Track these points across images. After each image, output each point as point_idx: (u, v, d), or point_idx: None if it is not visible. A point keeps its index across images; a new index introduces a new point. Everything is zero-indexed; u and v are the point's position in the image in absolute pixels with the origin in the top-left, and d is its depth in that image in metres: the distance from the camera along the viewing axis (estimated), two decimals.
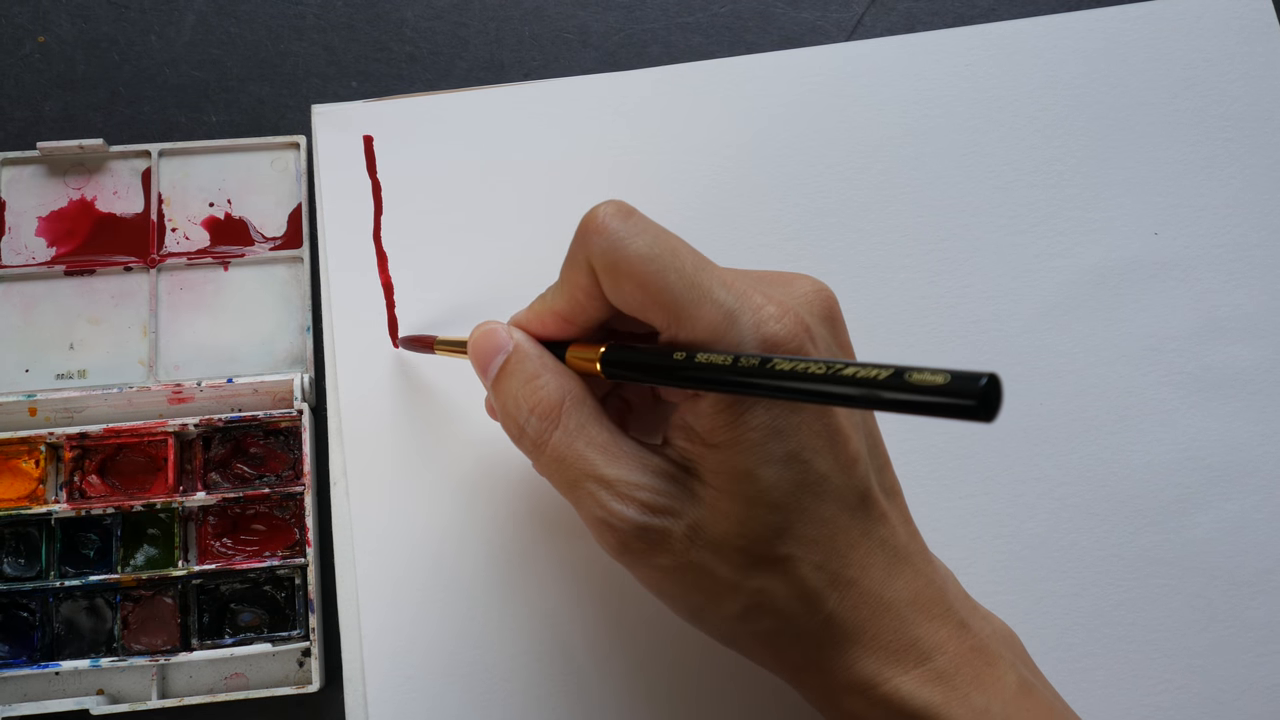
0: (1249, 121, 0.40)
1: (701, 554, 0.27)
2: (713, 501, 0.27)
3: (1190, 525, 0.36)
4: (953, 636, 0.28)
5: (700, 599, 0.28)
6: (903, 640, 0.27)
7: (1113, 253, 0.39)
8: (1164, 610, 0.29)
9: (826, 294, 0.29)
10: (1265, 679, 0.35)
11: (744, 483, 0.26)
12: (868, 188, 0.39)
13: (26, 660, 0.35)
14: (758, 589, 0.27)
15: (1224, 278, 0.39)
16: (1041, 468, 0.37)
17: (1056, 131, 0.40)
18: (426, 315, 0.37)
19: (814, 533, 0.27)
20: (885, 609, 0.27)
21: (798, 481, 0.26)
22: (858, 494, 0.27)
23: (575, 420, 0.28)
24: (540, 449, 0.29)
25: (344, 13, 0.42)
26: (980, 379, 0.19)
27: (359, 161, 0.39)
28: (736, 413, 0.26)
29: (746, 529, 0.26)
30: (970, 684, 0.27)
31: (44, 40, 0.41)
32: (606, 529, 0.27)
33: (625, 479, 0.27)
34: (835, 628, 0.27)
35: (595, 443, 0.28)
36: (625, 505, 0.27)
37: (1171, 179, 0.40)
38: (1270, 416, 0.37)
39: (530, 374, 0.29)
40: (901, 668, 0.27)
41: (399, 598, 0.35)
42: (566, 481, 0.28)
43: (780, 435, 0.26)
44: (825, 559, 0.27)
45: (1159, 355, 0.38)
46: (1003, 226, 0.39)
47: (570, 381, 0.29)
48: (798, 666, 0.28)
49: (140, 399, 0.37)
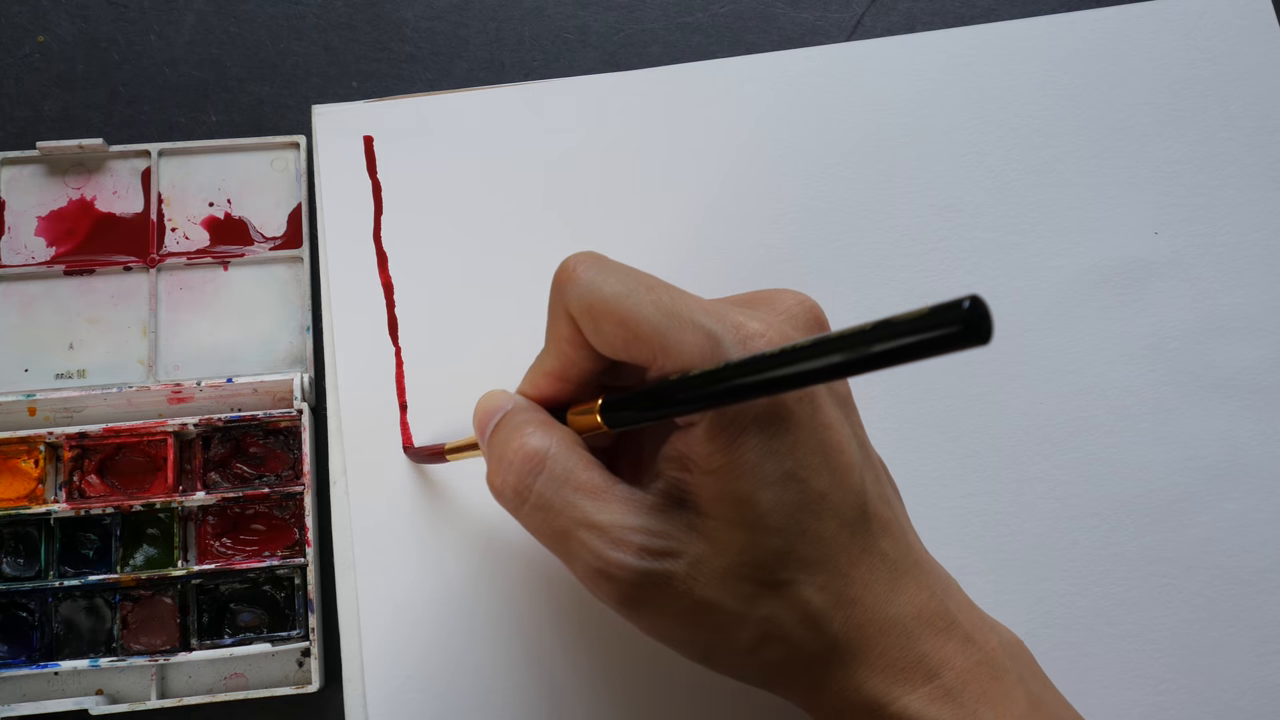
0: (1249, 121, 0.40)
1: (706, 590, 0.26)
2: (712, 532, 0.26)
3: (1190, 524, 0.36)
4: (959, 651, 0.27)
5: (710, 637, 0.27)
6: (909, 658, 0.26)
7: (1113, 252, 0.39)
8: (1164, 609, 0.29)
9: (810, 305, 0.28)
10: (1266, 678, 0.35)
11: (743, 508, 0.25)
12: (868, 187, 0.39)
13: (25, 660, 0.35)
14: (765, 618, 0.26)
15: (1224, 277, 0.39)
16: (1041, 467, 0.37)
17: (1056, 131, 0.40)
18: (426, 315, 0.37)
19: (816, 554, 0.26)
20: (890, 626, 0.27)
21: (796, 502, 0.26)
22: (856, 508, 0.27)
23: (561, 466, 0.27)
24: (522, 498, 0.27)
25: (344, 13, 0.42)
26: (962, 302, 0.19)
27: (359, 162, 0.39)
28: (731, 435, 0.25)
29: (749, 556, 0.26)
30: (978, 700, 0.27)
31: (44, 40, 0.41)
32: (604, 580, 0.26)
33: (619, 522, 0.26)
34: (842, 649, 0.26)
35: (583, 488, 0.27)
36: (622, 552, 0.26)
37: (1171, 179, 0.40)
38: (1270, 416, 0.37)
39: (518, 425, 0.28)
40: (909, 686, 0.26)
41: (398, 598, 0.35)
42: (555, 533, 0.27)
43: (776, 455, 0.25)
44: (828, 580, 0.26)
45: (1159, 355, 0.38)
46: (1003, 226, 0.39)
47: (560, 432, 0.28)
48: (807, 690, 0.27)
49: (140, 399, 0.37)
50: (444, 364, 0.37)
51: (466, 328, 0.37)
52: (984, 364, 0.38)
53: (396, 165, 0.39)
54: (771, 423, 0.25)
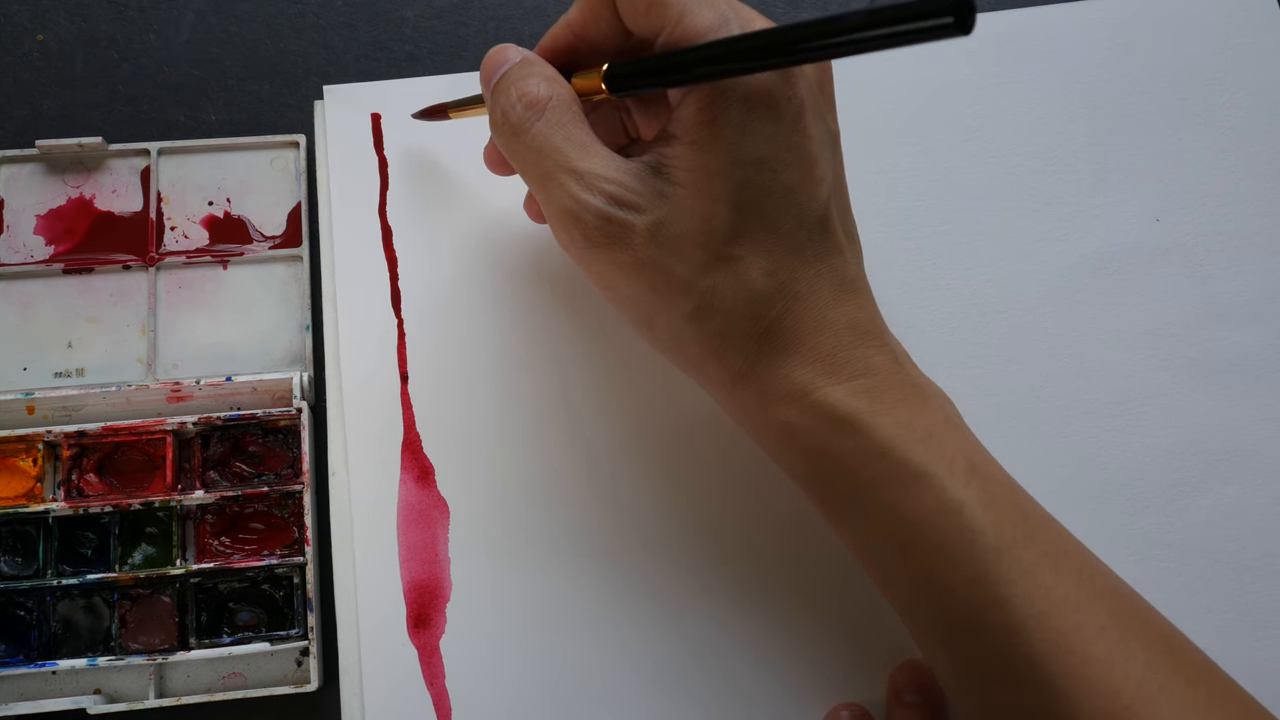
0: (1251, 111, 0.41)
1: (660, 251, 0.28)
2: (680, 200, 0.28)
3: (1190, 509, 0.37)
4: (887, 365, 0.29)
5: (654, 299, 0.29)
6: (839, 357, 0.29)
7: (1114, 238, 0.39)
8: (1164, 594, 0.29)
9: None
10: (1266, 662, 0.35)
11: (713, 180, 0.28)
12: (871, 172, 0.40)
13: (23, 659, 0.35)
14: (709, 288, 0.28)
15: (1225, 264, 0.39)
16: (1040, 450, 0.37)
17: (1059, 118, 0.40)
18: (430, 288, 0.38)
19: (769, 241, 0.28)
20: (826, 326, 0.29)
21: (763, 188, 0.28)
22: (817, 217, 0.29)
23: (557, 116, 0.29)
24: (520, 135, 0.30)
25: (344, 12, 0.42)
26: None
27: (367, 138, 0.39)
28: (716, 110, 0.27)
29: (707, 226, 0.28)
30: (898, 402, 0.28)
31: (43, 39, 0.41)
32: (571, 219, 0.29)
33: (597, 171, 0.29)
34: (776, 336, 0.29)
35: (573, 139, 0.29)
36: (592, 195, 0.28)
37: (1173, 166, 0.40)
38: (1270, 402, 0.38)
39: (526, 74, 0.30)
40: (834, 380, 0.28)
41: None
42: (540, 173, 0.29)
43: (752, 137, 0.27)
44: (776, 268, 0.28)
45: (1159, 340, 0.38)
46: (1005, 211, 0.39)
47: (562, 87, 0.30)
48: (737, 375, 0.29)
49: (138, 397, 0.37)
50: (445, 337, 0.37)
51: (468, 302, 0.38)
52: (983, 347, 0.38)
53: (403, 143, 0.39)
54: (755, 107, 0.27)
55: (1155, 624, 0.28)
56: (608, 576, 0.35)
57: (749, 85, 0.27)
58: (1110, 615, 0.26)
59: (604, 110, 0.34)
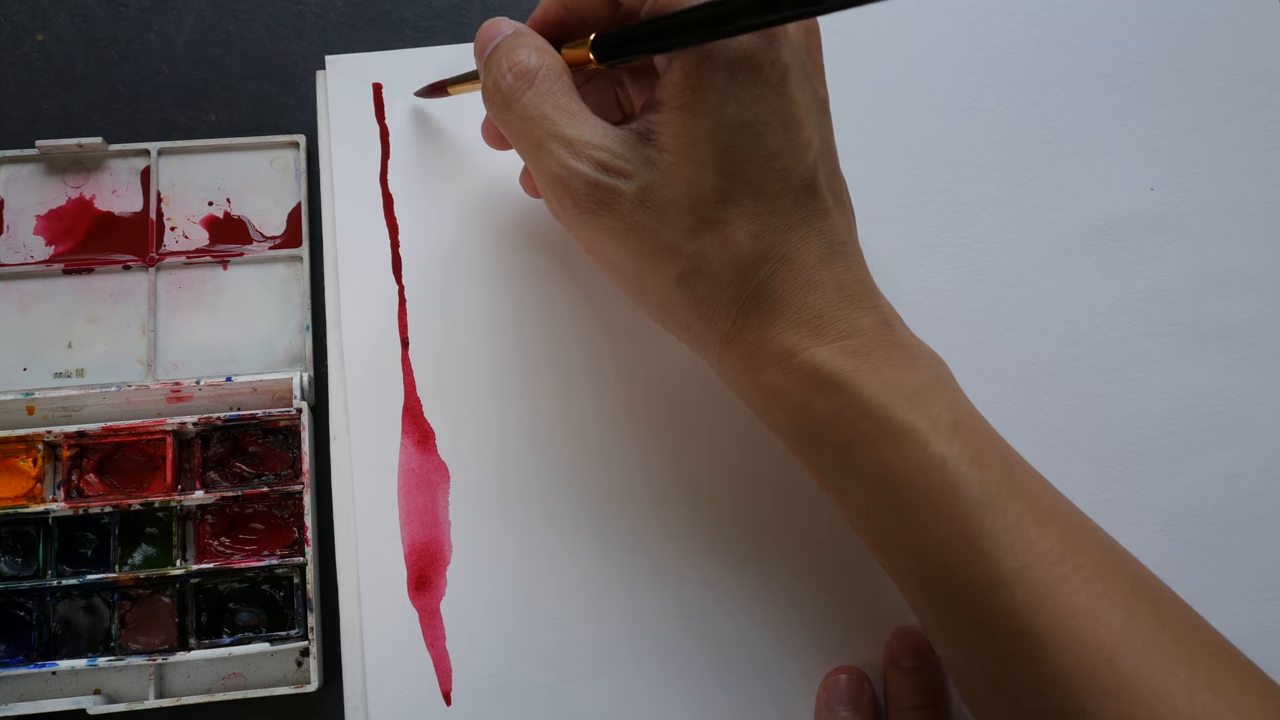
0: (1245, 81, 0.41)
1: (648, 217, 0.29)
2: (667, 166, 0.28)
3: (1183, 473, 0.37)
4: (875, 325, 0.29)
5: (643, 264, 0.30)
6: (825, 319, 0.29)
7: (1109, 206, 0.40)
8: (1157, 557, 0.30)
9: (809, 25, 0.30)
10: (1257, 625, 0.35)
11: (699, 145, 0.28)
12: (867, 140, 0.40)
13: (23, 660, 0.35)
14: (697, 252, 0.29)
15: (1218, 233, 0.39)
16: (1035, 415, 0.37)
17: (1054, 88, 0.41)
18: (431, 255, 0.38)
19: (756, 205, 0.28)
20: (812, 288, 0.29)
21: (748, 152, 0.28)
22: (804, 180, 0.29)
23: (547, 85, 0.30)
24: (510, 104, 0.30)
25: (344, 12, 0.42)
26: None
27: (368, 107, 0.39)
28: (701, 75, 0.28)
29: (694, 191, 0.28)
30: (883, 362, 0.28)
31: (43, 39, 0.41)
32: (561, 186, 0.29)
33: (585, 139, 0.29)
34: (763, 299, 0.29)
35: (562, 107, 0.30)
36: (581, 162, 0.29)
37: (1167, 135, 0.41)
38: (1262, 369, 0.38)
39: (517, 45, 0.31)
40: (820, 340, 0.29)
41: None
42: (530, 141, 0.30)
43: (737, 102, 0.28)
44: (762, 231, 0.28)
45: (1153, 307, 0.39)
46: (1000, 180, 0.40)
47: (552, 58, 0.30)
48: (725, 337, 0.30)
49: (138, 398, 0.37)
50: (446, 303, 0.37)
51: (469, 268, 0.38)
52: (979, 314, 0.38)
53: (404, 113, 0.39)
54: (740, 73, 0.28)
55: (1140, 578, 0.28)
56: (607, 540, 0.35)
57: (732, 50, 0.27)
58: (1095, 568, 0.26)
59: (600, 85, 0.34)
